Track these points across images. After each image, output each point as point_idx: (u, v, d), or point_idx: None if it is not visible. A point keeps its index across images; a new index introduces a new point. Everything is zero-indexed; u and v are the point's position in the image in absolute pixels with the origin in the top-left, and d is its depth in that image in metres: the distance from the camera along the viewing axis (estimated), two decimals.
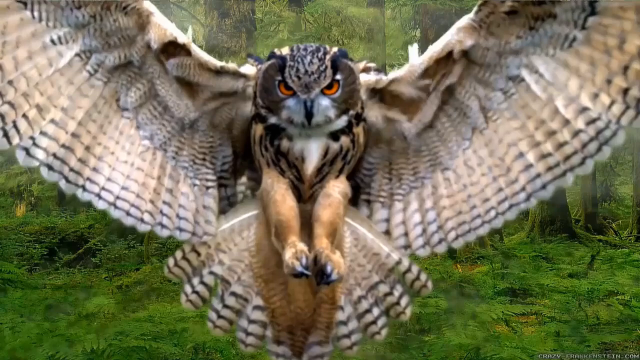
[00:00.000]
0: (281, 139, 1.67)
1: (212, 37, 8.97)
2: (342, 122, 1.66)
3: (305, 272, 1.59)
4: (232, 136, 1.81)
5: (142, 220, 1.72)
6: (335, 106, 1.63)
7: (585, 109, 1.60)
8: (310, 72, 1.58)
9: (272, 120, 1.67)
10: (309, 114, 1.60)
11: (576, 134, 1.62)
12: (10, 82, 1.57)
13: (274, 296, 1.80)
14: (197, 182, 1.79)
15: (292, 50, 1.63)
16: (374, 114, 1.76)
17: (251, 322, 1.81)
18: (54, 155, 1.63)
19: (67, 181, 1.66)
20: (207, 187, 1.80)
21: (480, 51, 1.66)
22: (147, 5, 1.66)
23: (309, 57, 1.59)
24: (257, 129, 1.70)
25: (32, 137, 1.61)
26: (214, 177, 1.81)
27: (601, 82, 1.57)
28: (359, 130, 1.70)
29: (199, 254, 1.79)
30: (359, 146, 1.73)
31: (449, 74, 1.70)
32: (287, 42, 9.68)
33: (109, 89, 1.70)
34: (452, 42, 1.66)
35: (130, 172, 1.72)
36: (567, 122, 1.62)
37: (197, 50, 1.70)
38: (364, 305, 1.80)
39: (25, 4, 1.58)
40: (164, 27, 1.66)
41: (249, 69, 1.76)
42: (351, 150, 1.71)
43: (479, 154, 1.73)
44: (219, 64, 1.72)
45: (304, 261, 1.60)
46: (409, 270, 1.79)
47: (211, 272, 1.79)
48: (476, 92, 1.71)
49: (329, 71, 1.59)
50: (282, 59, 1.61)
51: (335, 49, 1.65)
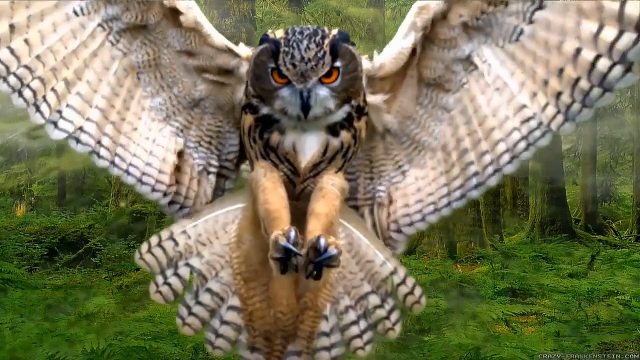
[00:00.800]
0: (272, 132, 1.56)
1: None
2: (342, 113, 1.54)
3: (291, 247, 1.39)
4: (237, 122, 1.75)
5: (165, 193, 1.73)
6: (334, 96, 1.50)
7: (523, 107, 1.58)
8: (306, 59, 1.43)
9: (265, 110, 1.55)
10: (306, 106, 1.47)
11: (511, 131, 1.60)
12: (38, 57, 1.56)
13: (253, 297, 1.64)
14: (201, 162, 1.76)
15: (287, 33, 1.48)
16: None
17: (224, 323, 1.66)
18: (81, 128, 1.63)
19: (99, 156, 1.66)
20: (208, 172, 1.77)
21: (439, 29, 1.62)
22: None
23: (305, 42, 1.44)
24: (247, 119, 1.59)
25: (59, 111, 1.61)
26: (216, 164, 1.77)
27: (540, 81, 1.56)
28: (361, 124, 1.59)
29: (176, 243, 1.66)
30: (361, 142, 1.63)
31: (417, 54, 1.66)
32: None
33: (128, 61, 1.69)
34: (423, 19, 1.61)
35: (152, 148, 1.72)
36: (506, 118, 1.60)
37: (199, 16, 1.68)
38: (351, 316, 1.65)
39: None
40: None
41: (243, 49, 1.67)
42: (352, 146, 1.60)
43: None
44: (212, 31, 1.67)
45: (292, 234, 1.41)
46: (403, 282, 1.66)
47: (187, 265, 1.65)
48: (438, 74, 1.66)
49: (328, 57, 1.45)
50: (276, 43, 1.47)
51: (334, 32, 1.50)
